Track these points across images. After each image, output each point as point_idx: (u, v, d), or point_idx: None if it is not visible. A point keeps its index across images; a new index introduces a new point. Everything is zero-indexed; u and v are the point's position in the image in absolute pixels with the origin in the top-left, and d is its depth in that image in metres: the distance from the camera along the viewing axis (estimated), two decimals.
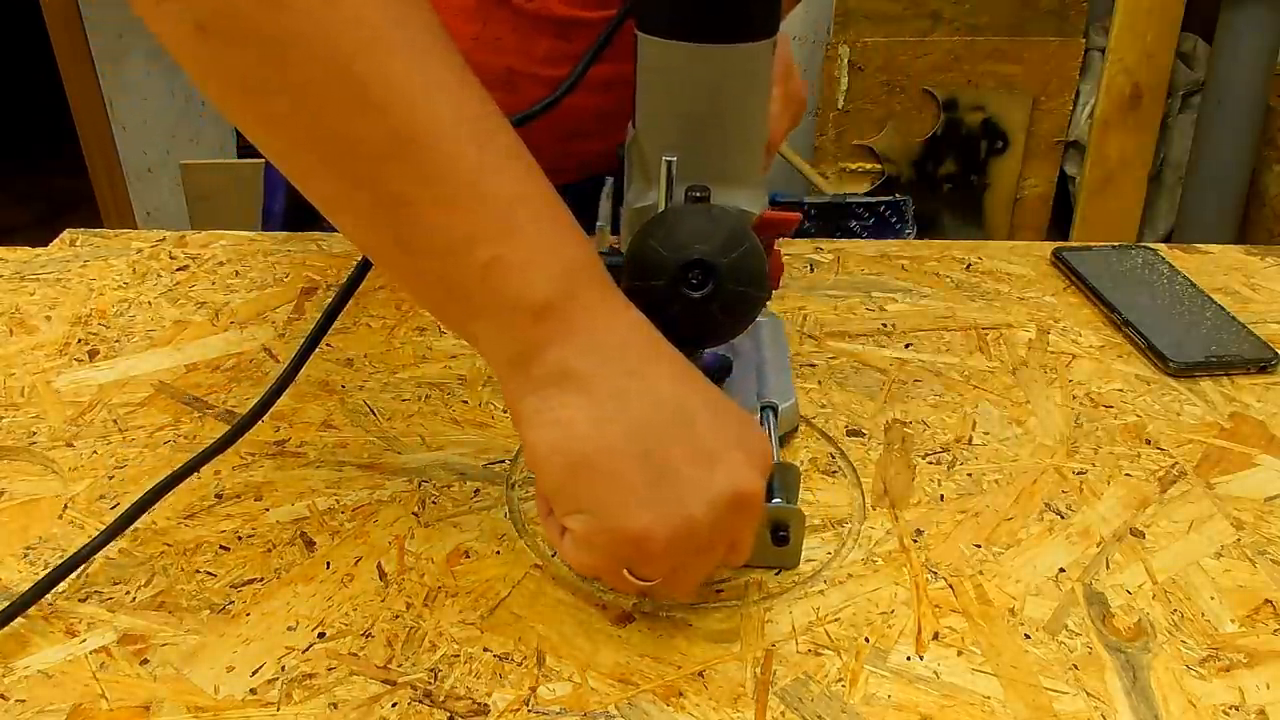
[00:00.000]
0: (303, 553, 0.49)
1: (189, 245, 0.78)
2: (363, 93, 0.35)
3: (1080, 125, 2.08)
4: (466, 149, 0.37)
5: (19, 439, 0.56)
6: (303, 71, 0.35)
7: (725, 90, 0.50)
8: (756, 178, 0.53)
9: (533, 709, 0.41)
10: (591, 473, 0.38)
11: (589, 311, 0.39)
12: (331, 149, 0.36)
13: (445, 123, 0.36)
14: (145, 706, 0.41)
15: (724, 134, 0.51)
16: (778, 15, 0.49)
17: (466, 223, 0.37)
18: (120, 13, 2.45)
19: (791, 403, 0.57)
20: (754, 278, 0.46)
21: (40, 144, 3.29)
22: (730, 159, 0.52)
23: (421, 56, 0.36)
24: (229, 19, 0.34)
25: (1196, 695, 0.43)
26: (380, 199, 0.37)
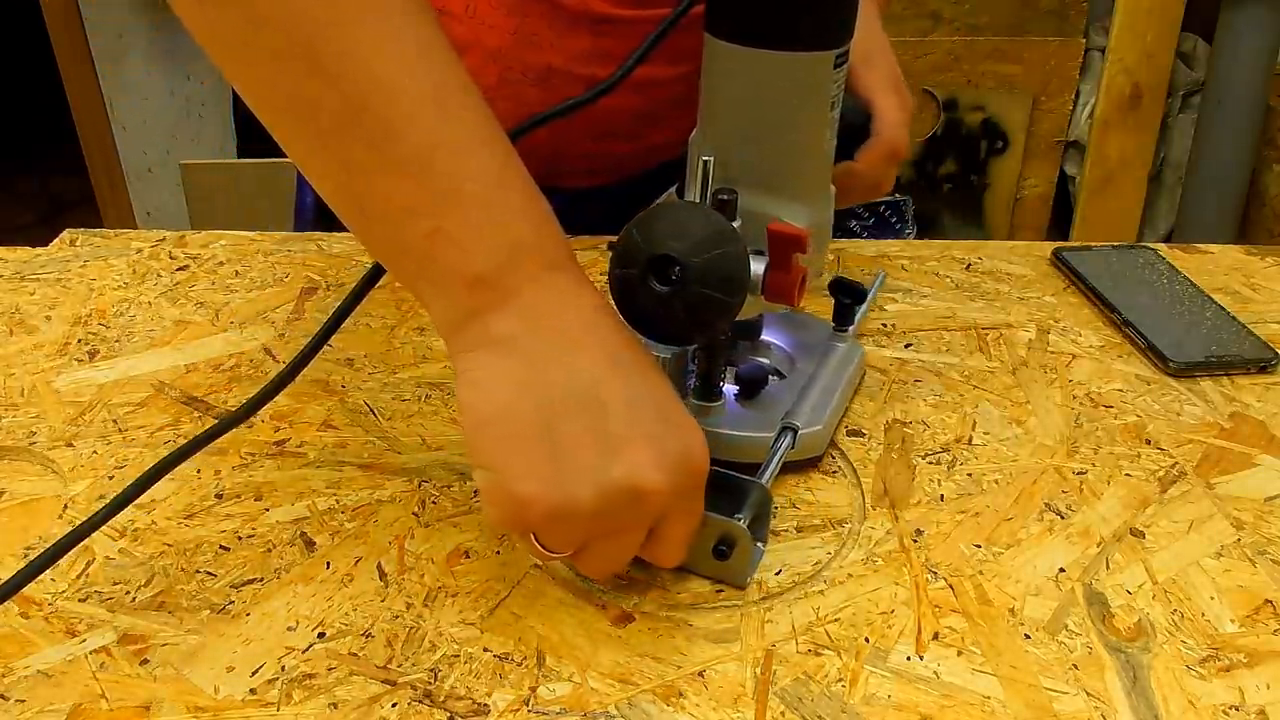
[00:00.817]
0: (303, 553, 0.49)
1: (189, 245, 0.78)
2: (318, 62, 0.37)
3: (1080, 125, 2.08)
4: (418, 122, 0.38)
5: (19, 439, 0.56)
6: (271, 39, 0.37)
7: (777, 98, 0.49)
8: (809, 192, 0.52)
9: (533, 709, 0.41)
10: (495, 432, 0.39)
11: (528, 286, 0.40)
12: (294, 112, 0.39)
13: (399, 95, 0.38)
14: (145, 706, 0.41)
15: (774, 142, 0.50)
16: (835, 30, 0.48)
17: (413, 193, 0.39)
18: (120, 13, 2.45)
19: (816, 429, 0.54)
20: (724, 282, 0.44)
21: (40, 144, 3.29)
22: (779, 168, 0.51)
23: (385, 31, 0.38)
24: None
25: (1196, 695, 0.43)
26: (337, 162, 0.40)
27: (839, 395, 0.57)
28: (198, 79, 2.55)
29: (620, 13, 0.73)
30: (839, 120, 0.53)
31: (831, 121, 0.51)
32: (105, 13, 2.45)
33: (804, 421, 0.54)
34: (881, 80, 0.64)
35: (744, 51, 0.48)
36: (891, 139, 0.63)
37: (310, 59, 0.37)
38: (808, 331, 0.63)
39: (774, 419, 0.54)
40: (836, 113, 0.51)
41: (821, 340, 0.61)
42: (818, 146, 0.51)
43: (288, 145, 0.41)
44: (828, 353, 0.60)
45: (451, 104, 0.40)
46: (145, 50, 2.51)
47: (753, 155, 0.50)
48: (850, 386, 0.60)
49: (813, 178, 0.52)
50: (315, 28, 0.37)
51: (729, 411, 0.55)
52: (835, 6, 0.47)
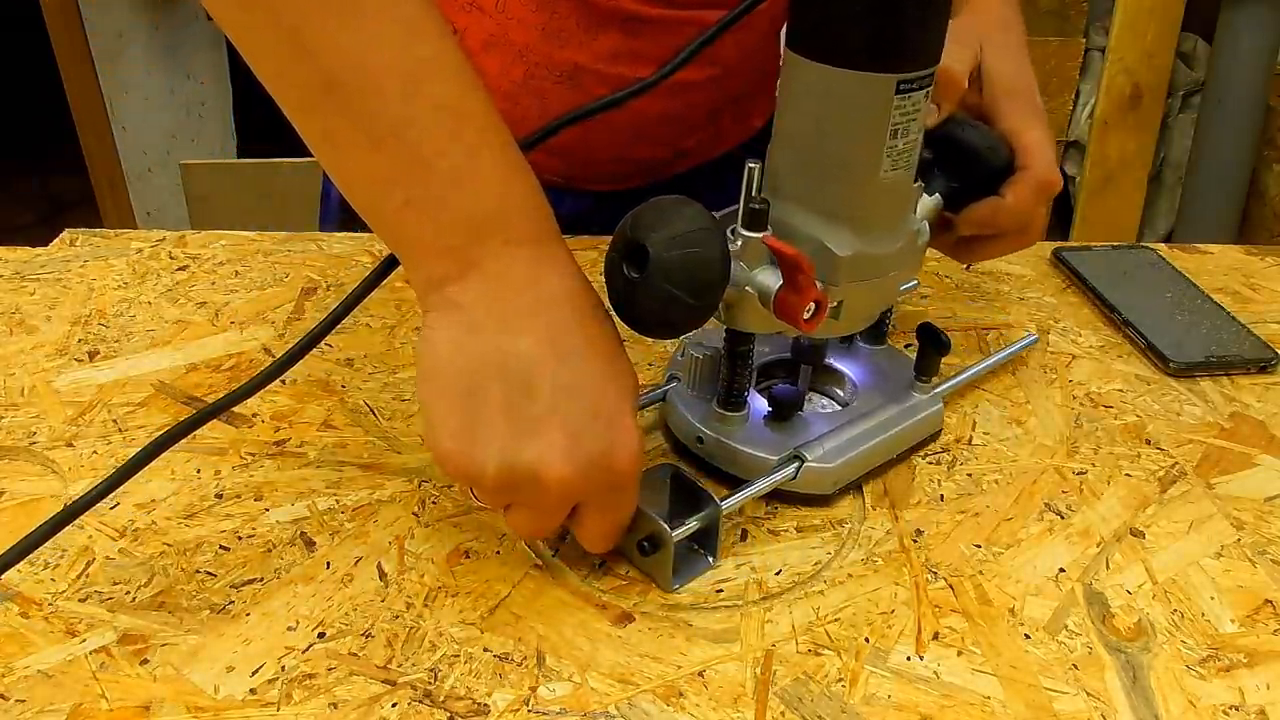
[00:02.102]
0: (303, 553, 0.49)
1: (189, 245, 0.78)
2: (297, 39, 0.40)
3: (1080, 125, 2.08)
4: (392, 100, 0.40)
5: (19, 439, 0.56)
6: (256, 16, 0.40)
7: (826, 116, 0.46)
8: (857, 219, 0.48)
9: (533, 709, 0.41)
10: (431, 387, 0.42)
11: (489, 260, 0.42)
12: (281, 83, 0.42)
13: (373, 73, 0.40)
14: (145, 706, 0.41)
15: (820, 161, 0.48)
16: (892, 53, 0.44)
17: (385, 166, 0.41)
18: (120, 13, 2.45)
19: (825, 466, 0.52)
20: (689, 282, 0.43)
21: (40, 144, 3.29)
22: (824, 189, 0.48)
23: (368, 10, 0.39)
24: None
25: (1196, 695, 0.43)
26: (319, 134, 0.42)
27: (876, 444, 0.54)
28: (198, 79, 2.55)
29: (650, 11, 0.72)
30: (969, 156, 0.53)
31: (892, 151, 0.47)
32: (105, 13, 2.45)
33: (815, 456, 0.52)
34: (1025, 113, 0.60)
35: (801, 62, 0.46)
36: (1041, 173, 0.58)
37: (294, 36, 0.39)
38: (891, 372, 0.59)
39: (792, 445, 0.52)
40: (904, 143, 0.46)
41: (901, 387, 0.58)
42: (869, 174, 0.47)
43: (287, 115, 0.43)
44: (896, 400, 0.57)
45: (429, 81, 0.41)
46: (145, 50, 2.51)
47: (800, 170, 0.48)
48: (900, 441, 0.56)
49: (863, 206, 0.48)
50: (289, 8, 0.39)
51: (749, 426, 0.54)
52: (891, 28, 0.44)
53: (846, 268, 0.48)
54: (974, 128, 0.58)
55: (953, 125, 0.58)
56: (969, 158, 0.58)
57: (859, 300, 0.50)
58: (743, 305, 0.48)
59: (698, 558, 0.49)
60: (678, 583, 0.47)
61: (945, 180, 0.57)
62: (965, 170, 0.58)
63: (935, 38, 0.46)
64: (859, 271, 0.48)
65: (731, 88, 0.80)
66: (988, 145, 0.58)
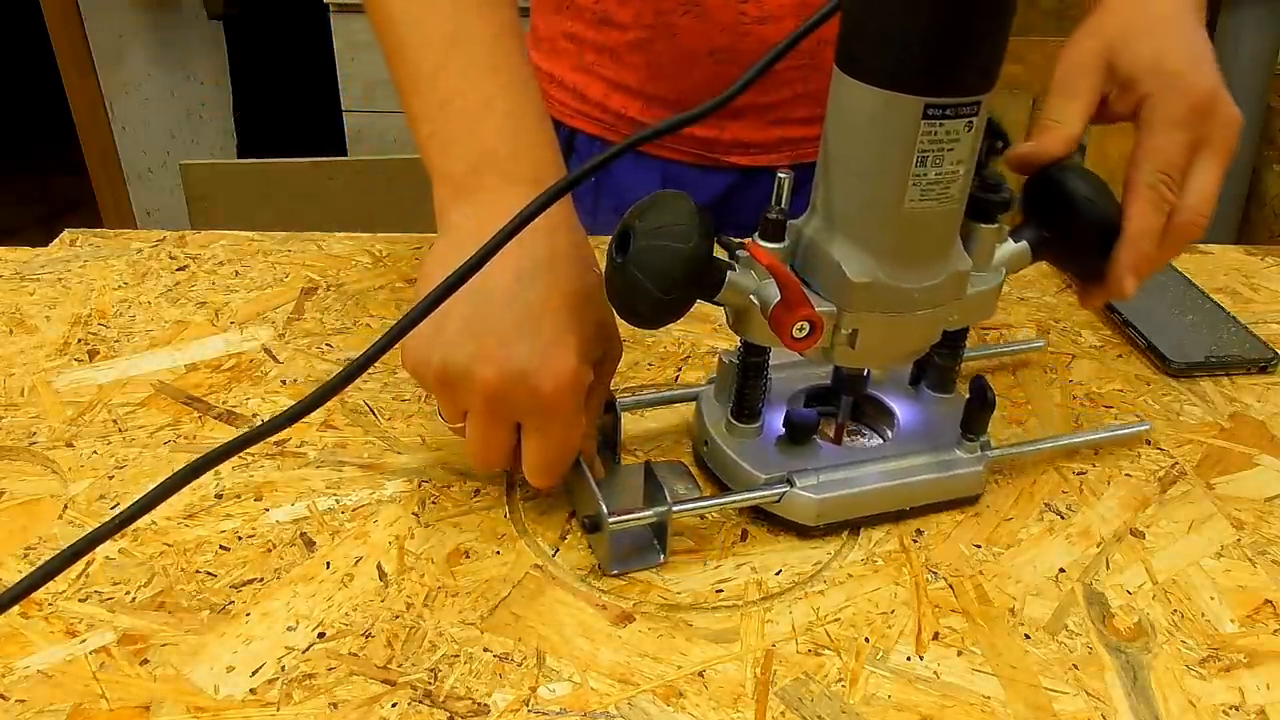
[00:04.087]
0: (303, 553, 0.49)
1: (189, 245, 0.78)
2: (384, 10, 0.52)
3: None
4: (429, 56, 0.50)
5: (19, 439, 0.56)
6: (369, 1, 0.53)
7: (852, 130, 0.44)
8: (877, 244, 0.45)
9: (533, 709, 0.41)
10: (418, 290, 0.46)
11: (483, 192, 0.48)
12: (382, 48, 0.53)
13: (424, 34, 0.51)
14: (145, 706, 0.41)
15: (844, 178, 0.45)
16: (918, 75, 0.41)
17: (420, 106, 0.51)
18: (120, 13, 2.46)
19: (812, 498, 0.50)
20: (654, 272, 0.43)
21: (40, 144, 3.29)
22: (846, 208, 0.46)
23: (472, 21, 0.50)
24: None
25: (1196, 695, 0.43)
26: (396, 82, 0.52)
27: (883, 489, 0.51)
28: (198, 79, 2.55)
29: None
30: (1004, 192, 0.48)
31: (920, 180, 0.43)
32: (105, 13, 2.45)
33: (804, 484, 0.50)
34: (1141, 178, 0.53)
35: (839, 74, 0.44)
36: (1128, 250, 0.52)
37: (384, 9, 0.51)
38: (943, 423, 0.55)
39: (789, 468, 0.51)
40: (935, 173, 0.43)
41: (947, 440, 0.54)
42: (893, 200, 0.44)
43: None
44: (933, 451, 0.53)
45: (465, 44, 0.50)
46: (145, 50, 2.51)
47: (830, 187, 0.46)
48: (920, 494, 0.52)
49: (886, 233, 0.45)
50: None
51: (758, 441, 0.53)
52: (919, 49, 0.41)
53: (860, 294, 0.46)
54: (1078, 174, 0.52)
55: (1055, 169, 0.53)
56: (1063, 207, 0.52)
57: (879, 332, 0.47)
58: (750, 315, 0.47)
59: (651, 551, 0.49)
60: (619, 567, 0.48)
61: (1036, 228, 0.52)
62: (1058, 221, 0.52)
63: (978, 65, 0.42)
64: (875, 301, 0.46)
65: None
66: (1086, 195, 0.52)
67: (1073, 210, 0.52)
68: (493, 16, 0.51)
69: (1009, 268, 0.51)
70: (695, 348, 0.66)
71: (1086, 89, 0.55)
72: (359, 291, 0.72)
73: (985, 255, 0.50)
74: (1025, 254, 0.52)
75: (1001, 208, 0.50)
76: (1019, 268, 0.52)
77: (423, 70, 0.50)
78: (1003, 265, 0.51)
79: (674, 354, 0.65)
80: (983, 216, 0.49)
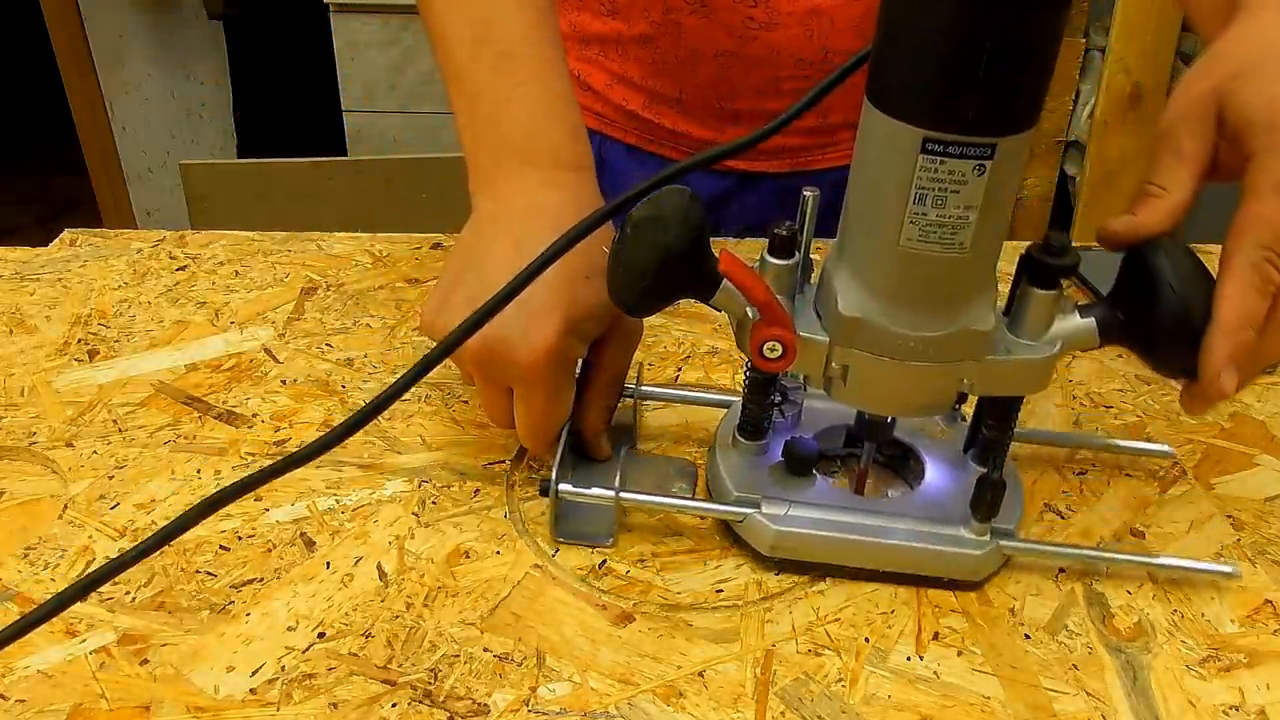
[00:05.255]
0: (303, 553, 0.49)
1: (189, 245, 0.78)
2: (432, 10, 0.55)
3: (1080, 125, 2.08)
4: (464, 49, 0.54)
5: (19, 439, 0.56)
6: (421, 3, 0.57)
7: (860, 152, 0.42)
8: (869, 277, 0.43)
9: (533, 709, 0.41)
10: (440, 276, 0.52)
11: (502, 179, 0.52)
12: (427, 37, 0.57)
13: (457, 31, 0.54)
14: (145, 706, 0.41)
15: (850, 201, 0.43)
16: (915, 100, 0.39)
17: (455, 97, 0.55)
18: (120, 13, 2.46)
19: (770, 527, 0.48)
20: (628, 263, 0.43)
21: (40, 144, 3.29)
22: (848, 234, 0.44)
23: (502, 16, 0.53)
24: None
25: (1196, 695, 0.43)
26: (441, 72, 0.56)
27: (857, 543, 0.48)
28: (198, 79, 2.55)
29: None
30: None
31: (919, 219, 0.40)
32: (105, 13, 2.45)
33: (768, 512, 0.48)
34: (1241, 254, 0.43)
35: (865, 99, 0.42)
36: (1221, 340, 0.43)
37: (431, 8, 0.55)
38: (965, 495, 0.48)
39: (767, 492, 0.50)
40: (937, 214, 0.40)
41: (960, 516, 0.48)
42: (887, 235, 0.41)
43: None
44: (939, 522, 0.48)
45: (494, 39, 0.53)
46: (145, 50, 2.51)
47: (845, 210, 0.44)
48: (905, 561, 0.48)
49: (880, 270, 0.42)
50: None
51: (754, 460, 0.51)
52: (918, 74, 0.38)
53: (848, 328, 0.44)
54: (1169, 252, 0.44)
55: (1148, 246, 0.45)
56: (1141, 287, 0.44)
57: (870, 374, 0.44)
58: (745, 328, 0.46)
59: (605, 532, 0.50)
60: (564, 536, 0.50)
61: (1111, 308, 0.46)
62: (1135, 303, 0.45)
63: (989, 104, 0.38)
64: (866, 339, 0.44)
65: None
66: (1169, 278, 0.44)
67: (1151, 292, 0.44)
68: (518, 8, 0.54)
69: (1067, 344, 0.45)
70: (695, 348, 0.66)
71: (1195, 146, 0.46)
72: (359, 291, 0.72)
73: (1037, 324, 0.45)
74: (1091, 333, 0.45)
75: (1061, 273, 0.44)
76: (1082, 347, 0.46)
77: (459, 65, 0.54)
78: (1059, 340, 0.45)
79: (674, 354, 0.66)
80: (1039, 280, 0.44)
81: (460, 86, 0.54)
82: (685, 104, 0.83)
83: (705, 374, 0.64)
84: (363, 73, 2.03)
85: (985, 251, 0.42)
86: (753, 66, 0.79)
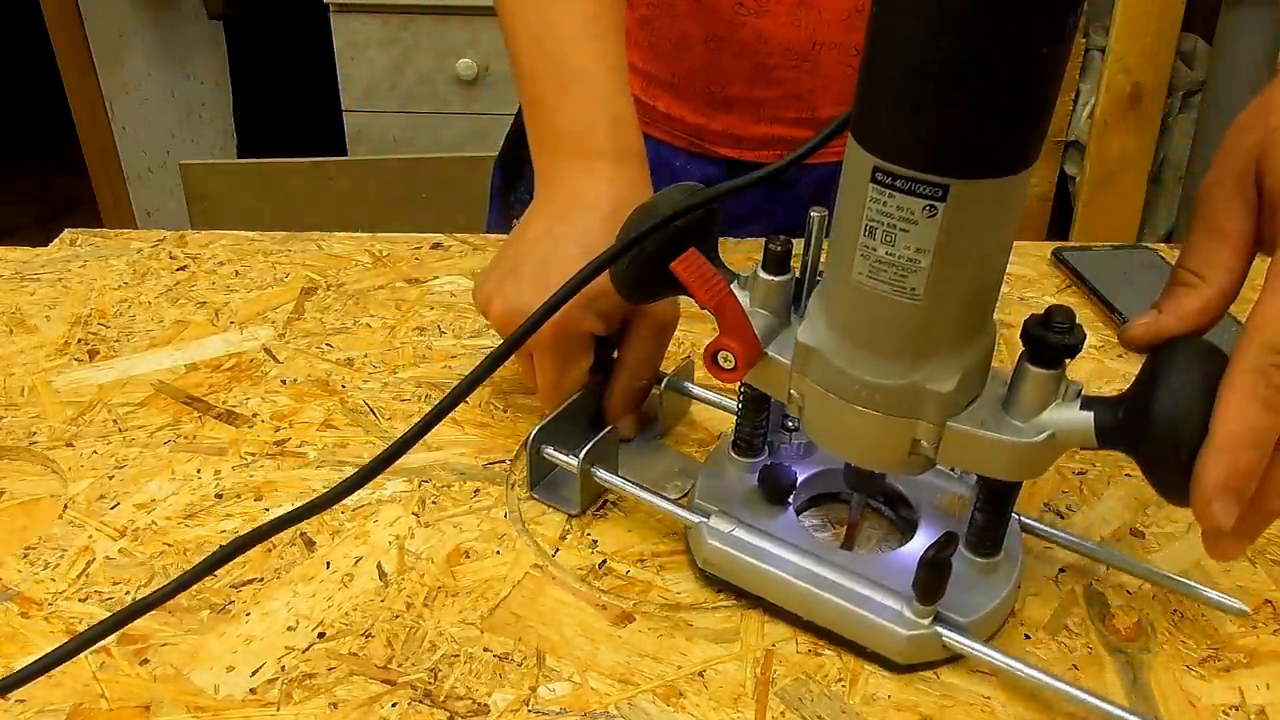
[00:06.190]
0: (303, 553, 0.49)
1: (189, 245, 0.78)
2: (504, 8, 0.60)
3: (1080, 125, 2.08)
4: (525, 48, 0.59)
5: (19, 439, 0.56)
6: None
7: (842, 177, 0.38)
8: (832, 312, 0.41)
9: (533, 709, 0.41)
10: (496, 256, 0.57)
11: (555, 169, 0.57)
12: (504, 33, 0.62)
13: (516, 32, 0.59)
14: (145, 706, 0.41)
15: (831, 228, 0.41)
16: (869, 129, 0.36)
17: (524, 97, 0.59)
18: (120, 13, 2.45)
19: (708, 542, 0.47)
20: (619, 268, 0.46)
21: (40, 144, 3.29)
22: (828, 263, 0.41)
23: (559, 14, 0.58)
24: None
25: (1196, 695, 0.43)
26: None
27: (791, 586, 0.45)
28: (197, 79, 2.55)
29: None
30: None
31: (869, 253, 0.37)
32: (105, 12, 2.45)
33: (713, 530, 0.47)
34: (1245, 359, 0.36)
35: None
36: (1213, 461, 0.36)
37: (503, 8, 0.60)
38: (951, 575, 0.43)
39: (747, 514, 0.48)
40: (886, 252, 0.37)
41: (955, 574, 0.43)
42: (843, 266, 0.39)
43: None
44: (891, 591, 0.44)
45: (549, 39, 0.57)
46: (145, 50, 2.51)
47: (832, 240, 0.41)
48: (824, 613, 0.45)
49: (837, 301, 0.40)
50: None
51: (738, 475, 0.51)
52: (869, 96, 0.36)
53: (801, 356, 0.42)
54: (1185, 353, 0.38)
55: (1166, 343, 0.40)
56: (1141, 394, 0.39)
57: (823, 412, 0.42)
58: None
59: (570, 502, 0.52)
60: (539, 492, 0.53)
61: (1114, 407, 0.40)
62: (1132, 409, 0.39)
63: (942, 142, 0.34)
64: (818, 373, 0.42)
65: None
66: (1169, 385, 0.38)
67: (1148, 398, 0.38)
68: (573, 7, 0.58)
69: (1061, 436, 0.40)
70: (695, 348, 0.66)
71: (1236, 218, 0.39)
72: (359, 291, 0.72)
73: (1029, 405, 0.40)
74: (1086, 430, 0.40)
75: (1060, 353, 0.39)
76: (1078, 444, 0.41)
77: (519, 63, 0.59)
78: (1049, 428, 0.40)
79: (674, 354, 0.65)
80: (1036, 357, 0.39)
81: (524, 90, 0.59)
82: (678, 88, 0.84)
83: (707, 374, 0.64)
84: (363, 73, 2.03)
85: (946, 305, 0.38)
86: (741, 53, 0.80)
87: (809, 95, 0.81)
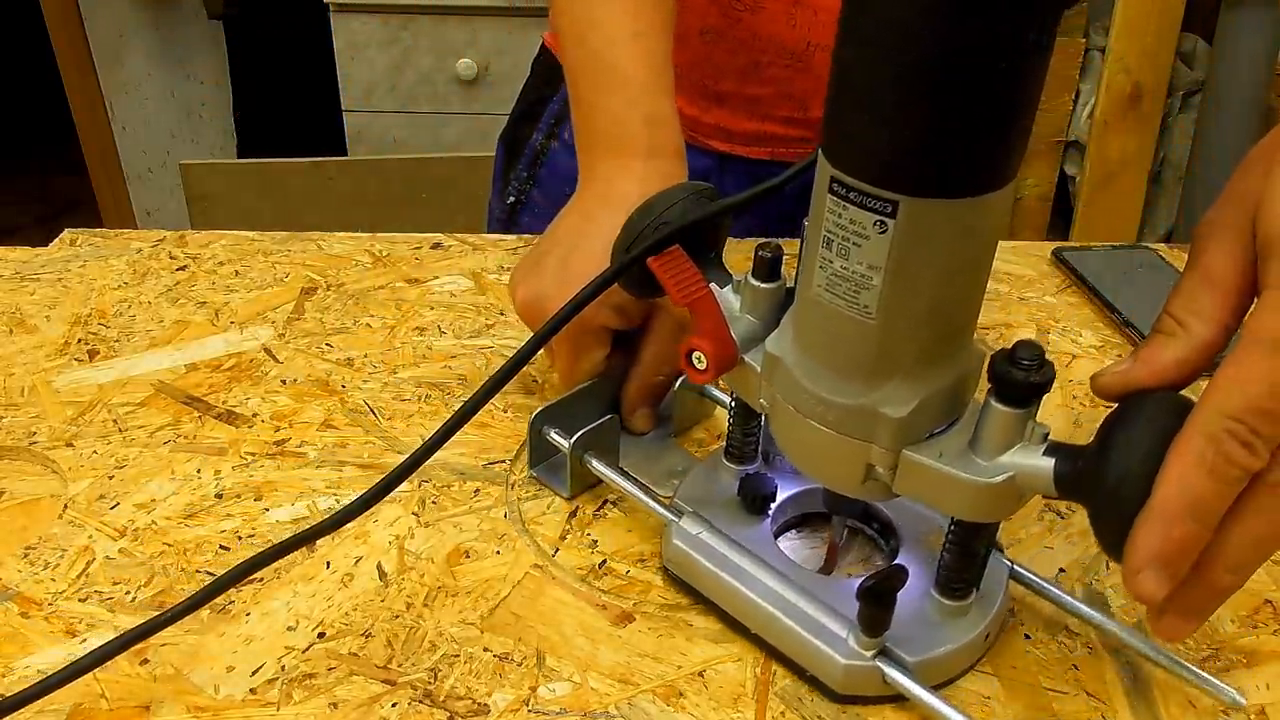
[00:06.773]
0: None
1: (189, 245, 0.78)
2: (555, 7, 0.63)
3: (1080, 125, 2.08)
4: (570, 47, 0.61)
5: (19, 439, 0.56)
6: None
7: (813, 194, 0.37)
8: (799, 324, 0.40)
9: (533, 709, 0.41)
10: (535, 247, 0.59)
11: (593, 166, 0.59)
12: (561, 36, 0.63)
13: (563, 31, 0.62)
14: (145, 706, 0.41)
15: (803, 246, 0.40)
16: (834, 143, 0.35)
17: (570, 95, 0.62)
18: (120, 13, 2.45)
19: (673, 542, 0.46)
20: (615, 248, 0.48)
21: (40, 144, 3.29)
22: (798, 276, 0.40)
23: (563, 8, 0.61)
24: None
25: (1196, 695, 0.43)
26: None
27: (746, 599, 0.44)
28: (197, 79, 2.55)
29: None
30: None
31: (826, 265, 0.37)
32: (105, 12, 2.45)
33: (680, 531, 0.47)
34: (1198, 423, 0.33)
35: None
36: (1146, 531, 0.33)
37: (553, 6, 0.63)
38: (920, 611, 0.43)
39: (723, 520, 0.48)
40: (841, 265, 0.36)
41: (918, 611, 0.43)
42: (806, 277, 0.38)
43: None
44: (841, 618, 0.43)
45: (591, 39, 0.60)
46: (145, 50, 2.51)
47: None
48: (772, 631, 0.43)
49: (801, 312, 0.40)
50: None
51: (725, 480, 0.50)
52: (833, 105, 0.35)
53: (769, 364, 0.42)
54: (1152, 407, 0.36)
55: (1135, 395, 0.37)
56: (1098, 448, 0.36)
57: (784, 422, 0.42)
58: None
59: (563, 485, 0.53)
60: (537, 470, 0.54)
61: (1075, 458, 0.37)
62: (1090, 462, 0.36)
63: (891, 155, 0.33)
64: (780, 383, 0.41)
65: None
66: (1122, 439, 0.35)
67: (1100, 453, 0.36)
68: (615, 8, 0.59)
69: (1021, 480, 0.38)
70: None
71: (1228, 262, 0.35)
72: (359, 291, 0.72)
73: (991, 444, 0.38)
74: (1045, 478, 0.37)
75: (1026, 391, 0.37)
76: (1038, 490, 0.38)
77: (568, 65, 0.61)
78: (1009, 471, 0.38)
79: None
80: (1001, 394, 0.37)
81: (573, 93, 0.61)
82: (676, 83, 0.84)
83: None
84: (363, 73, 2.03)
85: (899, 328, 0.36)
86: (736, 48, 0.80)
87: (802, 95, 0.81)
